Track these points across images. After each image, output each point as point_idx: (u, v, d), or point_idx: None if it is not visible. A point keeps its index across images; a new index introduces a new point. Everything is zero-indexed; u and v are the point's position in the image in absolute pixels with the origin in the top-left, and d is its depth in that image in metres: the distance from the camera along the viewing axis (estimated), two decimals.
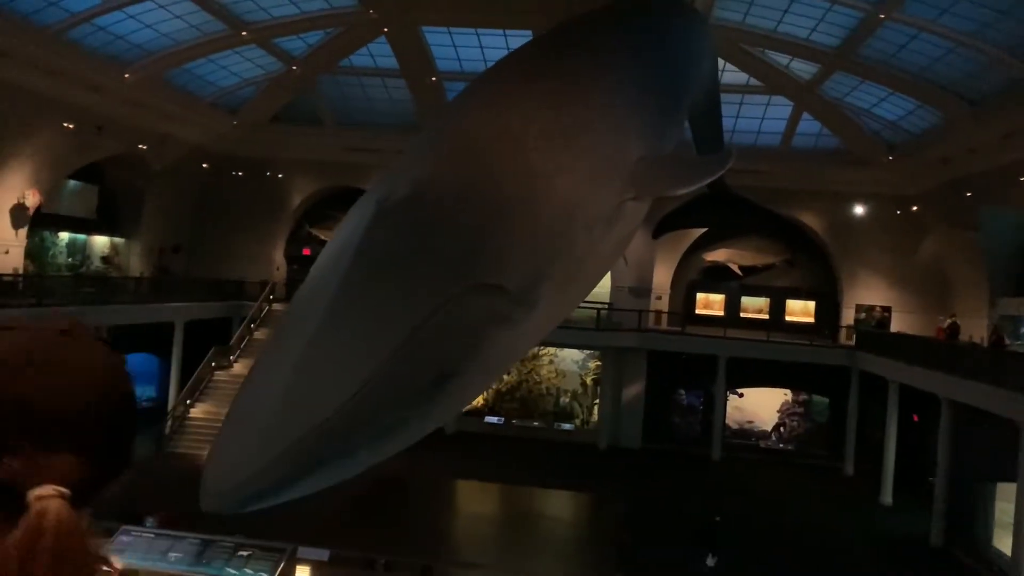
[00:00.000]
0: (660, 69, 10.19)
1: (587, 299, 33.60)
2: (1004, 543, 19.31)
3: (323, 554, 8.94)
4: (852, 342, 31.12)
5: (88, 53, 24.18)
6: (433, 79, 29.53)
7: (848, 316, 33.37)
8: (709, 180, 8.00)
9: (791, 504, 26.15)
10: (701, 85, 15.09)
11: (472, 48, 27.60)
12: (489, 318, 4.82)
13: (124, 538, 9.38)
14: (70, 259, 30.68)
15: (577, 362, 35.45)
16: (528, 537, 21.81)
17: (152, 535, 9.46)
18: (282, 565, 8.64)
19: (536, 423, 34.06)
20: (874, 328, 31.67)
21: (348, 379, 4.28)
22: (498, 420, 34.04)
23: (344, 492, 23.76)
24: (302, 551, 8.98)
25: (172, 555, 9.27)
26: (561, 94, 6.90)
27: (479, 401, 35.00)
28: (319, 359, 4.42)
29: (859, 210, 31.60)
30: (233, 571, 8.73)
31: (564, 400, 35.14)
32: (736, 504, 25.55)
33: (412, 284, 4.67)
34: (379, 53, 29.11)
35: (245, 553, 8.99)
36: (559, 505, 25.57)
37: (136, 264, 32.82)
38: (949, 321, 26.18)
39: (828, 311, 34.41)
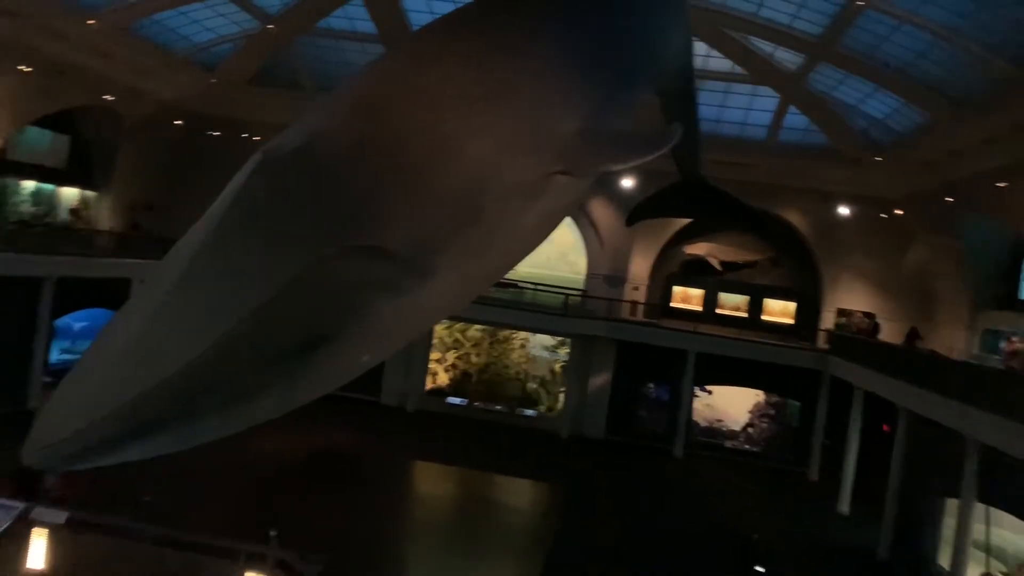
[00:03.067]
0: (615, 37, 9.50)
1: (558, 284, 32.72)
2: (948, 559, 18.51)
3: (60, 516, 8.32)
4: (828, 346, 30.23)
5: None
6: None
7: (828, 320, 32.42)
8: (649, 158, 7.45)
9: (744, 507, 25.32)
10: (670, 61, 14.23)
11: None
12: (371, 284, 4.36)
13: None
14: (35, 208, 30.20)
15: (548, 348, 34.79)
16: (480, 527, 21.28)
17: None
18: (6, 525, 8.00)
19: (499, 407, 33.40)
20: (854, 335, 30.69)
21: (199, 336, 3.84)
22: (461, 401, 33.42)
23: (283, 463, 23.17)
24: (38, 512, 8.37)
25: None
26: (491, 54, 6.40)
27: (444, 380, 34.45)
28: (171, 313, 3.98)
29: (844, 211, 30.50)
30: None
31: (532, 386, 34.50)
32: (689, 504, 24.90)
33: (284, 239, 4.25)
34: (356, 16, 28.41)
35: None
36: (514, 493, 25.01)
37: (106, 219, 32.32)
38: (869, 321, 25.62)
39: (809, 313, 33.47)
